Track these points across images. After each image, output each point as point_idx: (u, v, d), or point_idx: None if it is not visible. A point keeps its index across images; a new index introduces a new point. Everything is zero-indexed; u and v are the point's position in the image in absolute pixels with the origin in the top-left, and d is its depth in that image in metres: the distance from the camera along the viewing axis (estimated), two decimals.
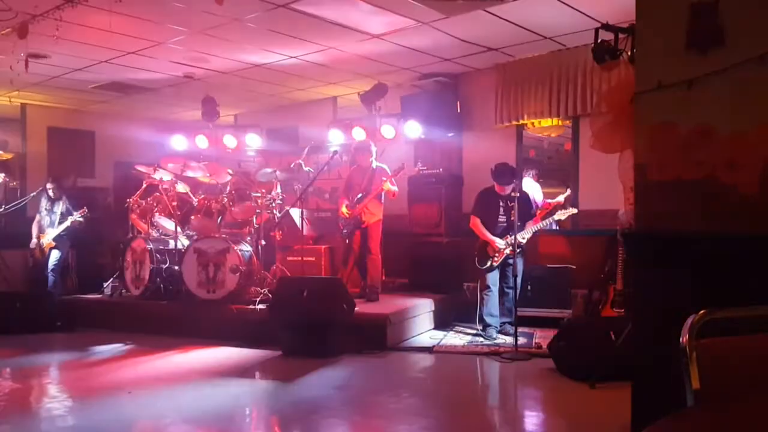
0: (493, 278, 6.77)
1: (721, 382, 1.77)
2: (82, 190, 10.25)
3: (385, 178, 7.33)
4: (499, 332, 6.80)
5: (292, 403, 4.79)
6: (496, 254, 6.66)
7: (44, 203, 8.66)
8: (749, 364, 1.86)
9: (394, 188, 7.40)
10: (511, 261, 6.55)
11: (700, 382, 1.74)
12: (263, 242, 7.56)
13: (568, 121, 8.10)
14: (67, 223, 8.40)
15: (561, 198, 6.90)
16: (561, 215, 6.88)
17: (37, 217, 8.70)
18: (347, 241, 7.55)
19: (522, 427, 4.43)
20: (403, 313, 6.86)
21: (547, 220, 6.84)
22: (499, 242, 6.64)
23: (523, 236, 6.62)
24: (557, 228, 7.67)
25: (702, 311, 1.83)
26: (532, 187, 8.97)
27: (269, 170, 7.99)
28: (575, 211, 7.08)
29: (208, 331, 6.94)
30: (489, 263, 6.70)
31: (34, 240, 8.57)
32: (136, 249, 7.82)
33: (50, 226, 8.49)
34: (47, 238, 8.45)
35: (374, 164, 7.64)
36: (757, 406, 1.69)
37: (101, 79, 9.01)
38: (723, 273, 2.80)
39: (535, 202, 8.74)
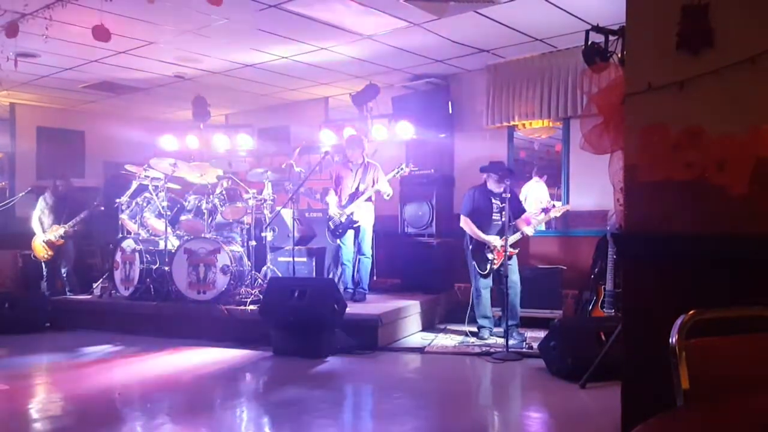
0: (486, 282, 6.71)
1: (710, 382, 1.78)
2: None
3: (378, 187, 7.32)
4: (494, 334, 6.78)
5: (282, 404, 4.78)
6: (495, 257, 6.60)
7: (48, 201, 8.57)
8: (738, 365, 1.87)
9: (389, 191, 7.39)
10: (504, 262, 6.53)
11: (690, 382, 1.75)
12: (254, 243, 7.54)
13: (558, 123, 8.14)
14: (82, 215, 8.30)
15: (558, 212, 6.92)
16: (556, 212, 6.90)
17: (38, 214, 8.57)
18: (338, 240, 7.54)
19: (513, 427, 4.44)
20: (395, 313, 6.85)
21: (543, 215, 6.85)
22: (497, 240, 6.54)
23: (525, 233, 6.61)
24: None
25: (691, 312, 1.84)
26: (538, 187, 8.99)
27: (260, 170, 7.98)
28: (569, 207, 7.09)
29: (198, 331, 6.92)
30: (488, 266, 6.63)
31: (42, 235, 8.47)
32: (125, 249, 7.77)
33: (55, 223, 8.40)
34: (56, 234, 8.35)
35: (366, 160, 7.62)
36: (746, 405, 1.70)
37: (91, 78, 8.96)
38: (712, 273, 2.82)
39: (541, 202, 8.78)
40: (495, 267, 6.61)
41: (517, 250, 6.64)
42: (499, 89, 8.17)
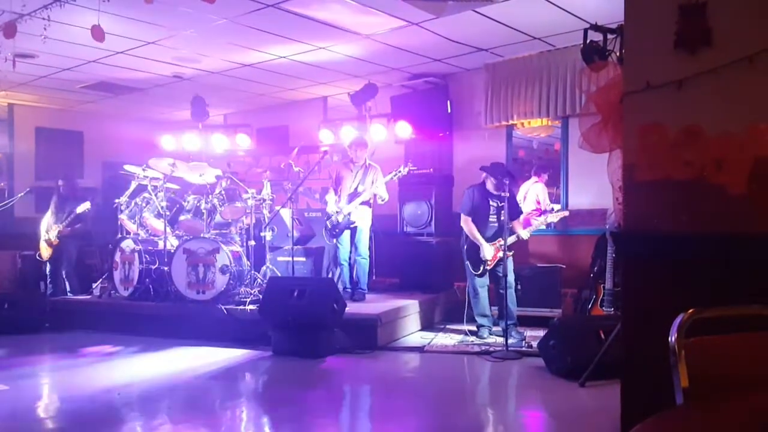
0: (482, 281, 6.71)
1: (709, 381, 1.78)
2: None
3: (374, 190, 7.33)
4: (493, 333, 6.78)
5: (282, 404, 4.78)
6: (489, 259, 6.60)
7: (54, 202, 8.57)
8: (738, 363, 1.87)
9: (386, 196, 7.38)
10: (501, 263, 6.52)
11: (689, 380, 1.75)
12: (253, 242, 7.54)
13: (557, 122, 8.14)
14: (72, 215, 8.25)
15: (555, 218, 6.92)
16: (553, 218, 6.90)
17: (47, 214, 8.54)
18: (334, 240, 7.54)
19: (512, 426, 4.44)
20: (394, 313, 6.85)
21: (542, 218, 6.84)
22: (489, 252, 6.56)
23: (521, 237, 6.61)
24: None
25: (690, 310, 1.84)
26: (537, 187, 9.00)
27: (259, 170, 7.98)
28: (567, 213, 7.10)
29: (198, 331, 6.91)
30: (482, 267, 6.63)
31: (45, 234, 8.45)
32: (125, 249, 7.77)
33: (56, 222, 8.38)
34: (53, 234, 8.33)
35: (367, 162, 7.62)
36: (746, 404, 1.70)
37: (89, 79, 8.96)
38: (711, 272, 2.82)
39: (538, 202, 8.79)
40: (488, 268, 6.63)
41: (512, 252, 6.62)
42: (498, 88, 8.16)
